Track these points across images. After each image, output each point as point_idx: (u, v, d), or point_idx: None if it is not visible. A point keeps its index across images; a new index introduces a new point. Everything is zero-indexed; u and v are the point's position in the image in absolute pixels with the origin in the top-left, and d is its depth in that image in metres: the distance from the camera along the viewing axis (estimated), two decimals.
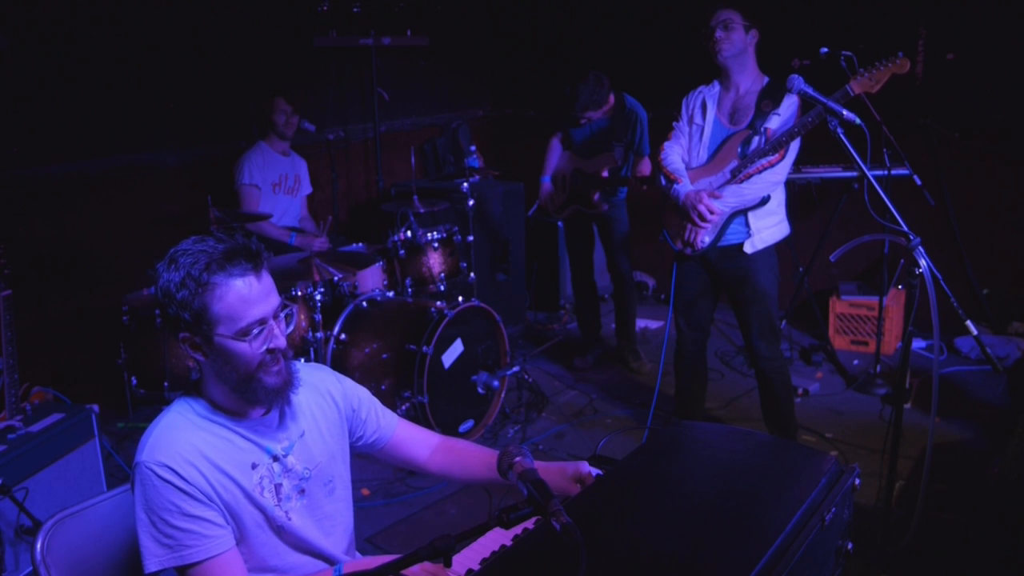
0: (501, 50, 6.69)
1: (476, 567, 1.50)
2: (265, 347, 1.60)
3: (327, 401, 1.85)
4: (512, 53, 6.64)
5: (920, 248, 2.49)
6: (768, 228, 3.36)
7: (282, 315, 1.65)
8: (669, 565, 1.43)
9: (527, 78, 6.58)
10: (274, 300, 1.62)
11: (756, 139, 3.24)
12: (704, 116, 3.38)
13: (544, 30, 6.37)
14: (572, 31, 6.19)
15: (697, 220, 3.30)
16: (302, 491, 1.74)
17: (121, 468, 3.59)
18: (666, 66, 5.20)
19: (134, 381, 3.84)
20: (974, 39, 4.69)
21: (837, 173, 4.70)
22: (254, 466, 1.67)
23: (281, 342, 1.62)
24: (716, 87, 3.41)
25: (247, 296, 1.57)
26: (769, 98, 3.24)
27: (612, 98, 4.51)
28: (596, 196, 4.60)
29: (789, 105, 3.23)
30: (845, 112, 2.61)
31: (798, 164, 4.68)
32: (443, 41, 6.10)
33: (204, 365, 1.64)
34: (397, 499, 3.51)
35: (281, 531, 1.70)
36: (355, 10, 5.45)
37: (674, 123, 3.51)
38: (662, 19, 5.67)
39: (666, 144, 3.49)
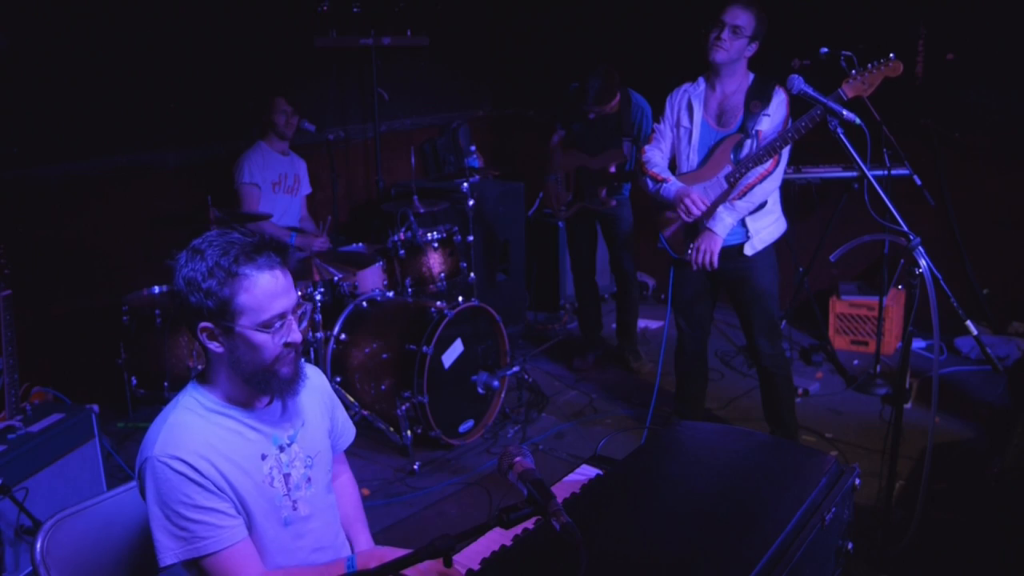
0: (501, 50, 6.69)
1: (476, 567, 1.50)
2: (284, 340, 1.65)
3: (317, 395, 1.90)
4: (512, 53, 6.64)
5: (920, 248, 2.49)
6: (766, 228, 3.35)
7: (299, 312, 1.69)
8: (669, 565, 1.44)
9: (527, 78, 6.58)
10: (294, 296, 1.67)
11: (748, 142, 3.22)
12: (691, 118, 3.35)
13: (544, 30, 6.37)
14: (572, 31, 6.18)
15: (683, 215, 3.29)
16: (309, 479, 1.78)
17: (121, 468, 3.59)
18: (666, 66, 5.18)
19: (134, 381, 3.84)
20: (974, 39, 4.69)
21: (837, 173, 4.70)
22: (264, 457, 1.70)
23: (298, 337, 1.67)
24: (701, 85, 3.37)
25: (273, 289, 1.62)
26: (757, 98, 3.21)
27: (619, 93, 4.51)
28: (603, 192, 4.59)
29: (779, 105, 3.21)
30: (845, 112, 2.60)
31: (798, 164, 4.69)
32: (443, 41, 6.10)
33: (217, 356, 1.66)
34: (397, 499, 3.51)
35: (288, 524, 1.73)
36: (355, 10, 5.44)
37: (655, 124, 3.50)
38: (663, 17, 5.66)
39: (647, 147, 3.48)
